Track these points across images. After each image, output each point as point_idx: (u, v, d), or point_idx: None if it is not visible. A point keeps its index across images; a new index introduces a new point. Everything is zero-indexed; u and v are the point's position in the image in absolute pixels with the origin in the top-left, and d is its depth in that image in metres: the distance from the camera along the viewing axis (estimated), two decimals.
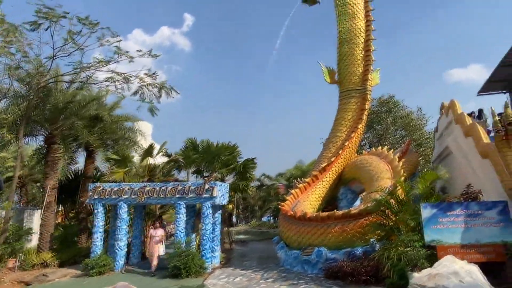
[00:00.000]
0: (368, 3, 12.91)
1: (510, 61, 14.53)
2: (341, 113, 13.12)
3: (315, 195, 11.83)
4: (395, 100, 25.95)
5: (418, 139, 24.45)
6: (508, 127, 6.78)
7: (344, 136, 12.61)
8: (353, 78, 12.69)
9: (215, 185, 10.56)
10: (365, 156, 12.26)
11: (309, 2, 15.21)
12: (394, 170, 10.43)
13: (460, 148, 11.07)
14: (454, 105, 12.10)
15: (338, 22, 13.01)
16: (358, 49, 12.64)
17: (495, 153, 7.46)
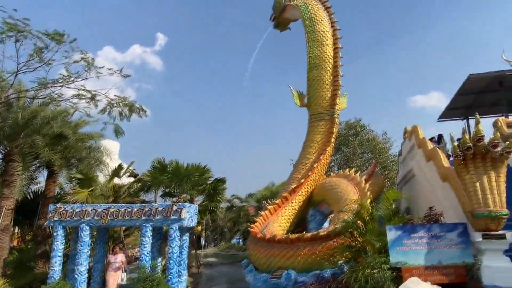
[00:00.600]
0: (336, 32, 13.47)
1: (466, 91, 15.60)
2: (310, 136, 13.37)
3: (284, 216, 11.83)
4: (361, 124, 26.91)
5: (383, 162, 25.32)
6: (465, 153, 7.15)
7: (313, 158, 12.82)
8: (322, 102, 13.04)
9: (183, 207, 10.35)
10: (333, 178, 12.50)
11: (280, 28, 15.71)
12: (361, 192, 10.68)
13: (423, 171, 11.55)
14: (416, 130, 12.68)
15: (308, 48, 13.45)
16: (326, 75, 13.07)
17: (455, 177, 7.83)
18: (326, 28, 13.48)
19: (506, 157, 7.05)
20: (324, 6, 14.08)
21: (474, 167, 7.20)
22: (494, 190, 6.98)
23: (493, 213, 6.74)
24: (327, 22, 13.66)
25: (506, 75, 14.00)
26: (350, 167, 23.04)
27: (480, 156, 7.14)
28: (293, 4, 14.35)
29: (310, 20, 13.61)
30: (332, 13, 13.89)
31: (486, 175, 7.08)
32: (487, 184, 7.02)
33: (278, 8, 15.02)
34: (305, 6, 13.89)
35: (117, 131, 11.95)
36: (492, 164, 7.14)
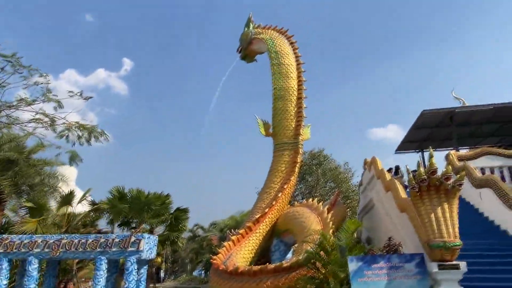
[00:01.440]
0: (300, 66, 14.04)
1: (420, 125, 16.59)
2: (275, 165, 13.50)
3: (248, 247, 11.63)
4: (324, 154, 27.64)
5: (345, 192, 25.94)
6: (421, 185, 7.48)
7: (277, 187, 12.88)
8: (286, 132, 13.32)
9: (142, 238, 9.91)
10: (297, 208, 12.56)
11: (247, 59, 16.14)
12: (323, 222, 10.77)
13: (382, 201, 11.93)
14: (375, 161, 13.20)
15: (273, 80, 13.85)
16: (291, 106, 13.44)
17: (411, 208, 8.13)
18: (291, 62, 14.00)
19: (457, 189, 7.45)
20: (289, 41, 14.70)
21: (429, 199, 7.52)
22: (448, 221, 7.30)
23: (448, 244, 7.00)
24: (292, 56, 14.22)
25: (456, 112, 15.09)
26: (314, 196, 23.39)
27: (434, 188, 7.49)
28: (259, 38, 14.86)
29: (275, 54, 14.11)
30: (297, 48, 14.50)
31: (440, 206, 7.40)
32: (441, 215, 7.33)
33: (245, 41, 15.48)
34: (271, 40, 14.42)
35: (72, 157, 11.42)
36: (445, 196, 7.50)
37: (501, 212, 10.17)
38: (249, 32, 15.20)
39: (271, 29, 15.12)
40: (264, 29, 15.22)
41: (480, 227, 10.73)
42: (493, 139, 18.67)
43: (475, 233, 9.91)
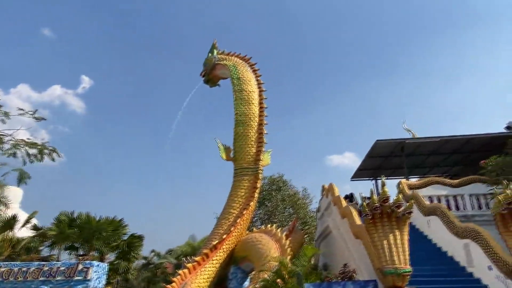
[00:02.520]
0: (262, 93, 14.36)
1: (374, 154, 17.38)
2: (234, 190, 13.41)
3: (204, 275, 11.25)
4: (284, 180, 27.94)
5: (303, 218, 26.23)
6: (374, 212, 7.77)
7: (236, 213, 12.74)
8: (246, 158, 13.37)
9: (90, 266, 9.30)
10: (255, 234, 12.46)
11: (210, 83, 16.26)
12: (281, 249, 10.75)
13: (338, 228, 12.19)
14: (332, 188, 13.56)
15: (235, 105, 14.01)
16: (252, 131, 13.60)
17: (365, 235, 8.38)
18: (253, 88, 14.28)
19: (407, 216, 7.80)
20: (252, 68, 15.04)
21: (382, 226, 7.80)
22: (399, 248, 7.58)
23: (399, 270, 7.25)
24: (254, 83, 14.53)
25: (406, 143, 16.02)
26: (273, 222, 23.40)
27: (386, 216, 7.80)
28: (222, 64, 15.09)
29: (238, 80, 14.35)
30: (259, 75, 14.86)
31: (392, 233, 7.69)
32: (393, 242, 7.61)
33: (208, 66, 15.66)
34: (234, 67, 14.70)
35: (21, 176, 10.65)
36: (396, 223, 7.82)
37: (447, 239, 10.74)
38: (213, 58, 15.41)
39: (234, 56, 15.44)
40: (227, 56, 15.51)
41: (429, 253, 11.21)
42: (440, 169, 19.95)
43: (424, 259, 10.34)
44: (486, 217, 11.80)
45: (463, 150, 17.02)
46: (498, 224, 7.83)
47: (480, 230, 9.19)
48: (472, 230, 9.42)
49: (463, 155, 17.53)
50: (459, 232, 10.03)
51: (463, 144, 16.36)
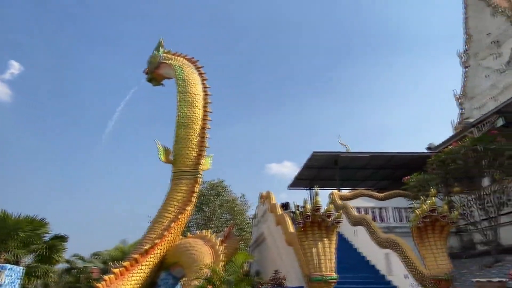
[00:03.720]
0: (207, 97, 14.21)
1: (310, 165, 18.10)
2: (171, 193, 13.07)
3: (132, 281, 10.75)
4: (223, 185, 27.88)
5: (240, 224, 26.35)
6: (305, 220, 8.08)
7: (171, 217, 12.40)
8: (186, 161, 13.12)
9: (2, 269, 8.42)
10: (189, 239, 12.23)
11: (153, 82, 15.74)
12: (215, 255, 10.68)
13: (272, 235, 12.45)
14: (269, 196, 13.84)
15: (178, 107, 13.70)
16: (194, 135, 13.39)
17: (297, 242, 8.67)
18: (198, 91, 14.10)
19: (336, 226, 8.24)
20: (198, 70, 14.85)
21: (312, 234, 8.14)
22: (327, 256, 7.97)
23: (325, 277, 7.60)
24: (199, 86, 14.35)
25: (340, 156, 16.94)
26: (210, 227, 23.17)
27: (317, 224, 8.16)
28: (168, 63, 14.72)
29: (183, 81, 14.08)
30: (205, 79, 14.72)
31: (321, 241, 8.07)
32: (322, 250, 7.98)
33: (153, 64, 15.15)
34: (180, 68, 14.41)
35: None
36: (326, 232, 8.22)
37: (371, 248, 11.52)
38: (158, 56, 14.96)
39: (181, 57, 15.13)
40: (174, 55, 15.16)
41: (354, 261, 11.92)
42: (369, 183, 21.37)
43: (349, 267, 10.97)
44: (405, 229, 12.86)
45: (389, 166, 18.44)
46: (415, 236, 8.59)
47: (400, 241, 9.99)
48: (393, 241, 10.21)
49: (389, 171, 18.98)
50: (381, 242, 10.80)
51: (389, 161, 17.74)
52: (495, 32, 21.09)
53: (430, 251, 8.24)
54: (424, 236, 8.36)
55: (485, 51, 21.77)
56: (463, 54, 23.47)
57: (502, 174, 11.03)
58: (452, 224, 8.60)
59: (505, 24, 20.16)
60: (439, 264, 8.08)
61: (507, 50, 20.18)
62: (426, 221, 8.25)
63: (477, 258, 11.79)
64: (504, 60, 20.35)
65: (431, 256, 8.20)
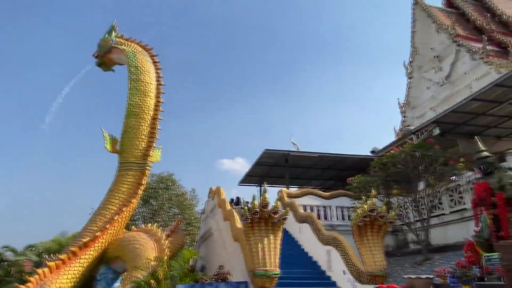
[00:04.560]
0: (160, 87, 13.80)
1: (262, 162, 18.34)
2: (116, 185, 12.56)
3: (68, 275, 10.20)
4: (173, 179, 27.34)
5: (188, 218, 26.03)
6: (253, 216, 8.17)
7: (115, 209, 11.93)
8: (135, 152, 12.68)
9: None
10: (133, 233, 11.86)
11: (103, 67, 14.98)
12: (160, 249, 10.46)
13: (220, 230, 12.45)
14: (219, 191, 13.81)
15: (129, 95, 13.18)
16: (144, 125, 12.97)
17: (243, 238, 8.74)
18: (151, 80, 13.66)
19: (282, 222, 8.42)
20: (152, 59, 14.37)
21: (259, 230, 8.25)
22: (272, 252, 8.13)
23: (269, 273, 7.76)
24: (153, 75, 13.90)
25: (290, 155, 17.35)
26: (156, 221, 22.60)
27: (264, 220, 8.28)
28: (120, 48, 14.09)
29: (135, 68, 13.57)
30: (159, 68, 14.30)
31: (267, 237, 8.20)
32: (267, 245, 8.12)
33: (104, 47, 14.40)
34: (133, 54, 13.86)
35: None
36: (272, 228, 8.37)
37: (314, 245, 11.93)
38: (110, 40, 14.24)
39: (134, 43, 14.54)
40: (127, 41, 14.52)
41: (298, 257, 12.27)
42: (316, 182, 22.12)
43: (293, 263, 11.29)
44: (347, 227, 13.49)
45: (336, 167, 19.23)
46: (355, 234, 9.03)
47: (341, 239, 10.45)
48: (334, 238, 10.66)
49: (336, 171, 19.79)
50: (323, 239, 11.23)
51: (336, 162, 18.51)
52: (438, 48, 22.79)
53: (368, 249, 8.70)
54: (363, 234, 8.81)
55: (428, 65, 23.44)
56: (408, 66, 25.09)
57: (436, 180, 11.99)
58: (389, 224, 9.15)
59: (447, 41, 21.85)
60: (376, 261, 8.57)
61: (447, 65, 21.92)
62: (366, 220, 8.69)
63: (410, 256, 12.72)
64: (444, 75, 22.07)
65: (369, 253, 8.67)
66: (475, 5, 25.44)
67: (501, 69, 17.26)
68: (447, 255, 10.85)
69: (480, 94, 12.52)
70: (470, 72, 20.16)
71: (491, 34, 21.45)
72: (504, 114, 14.00)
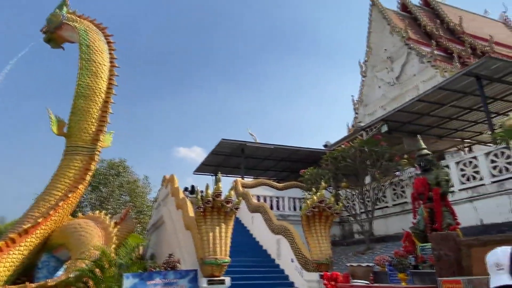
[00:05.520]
0: (113, 69, 13.21)
1: (218, 152, 18.30)
2: (62, 169, 11.92)
3: (5, 263, 9.60)
4: (125, 165, 26.45)
5: (140, 206, 25.41)
6: (206, 205, 8.18)
7: (60, 195, 11.34)
8: (83, 135, 12.10)
9: None
10: (79, 220, 11.38)
11: (52, 43, 14.01)
12: (107, 237, 10.15)
13: (172, 218, 12.30)
14: (173, 179, 13.60)
15: (79, 75, 12.48)
16: (94, 108, 12.38)
17: (195, 226, 8.73)
18: (103, 61, 13.03)
19: (234, 212, 8.52)
20: (106, 39, 13.70)
21: (211, 219, 8.29)
22: (222, 240, 8.21)
23: (218, 260, 7.84)
24: (106, 55, 13.26)
25: (246, 145, 17.47)
26: (106, 208, 21.79)
27: (216, 210, 8.33)
28: (72, 25, 13.25)
29: (87, 47, 12.85)
30: (114, 49, 13.67)
31: (218, 226, 8.26)
32: (218, 234, 8.18)
33: (53, 23, 13.45)
34: (85, 32, 13.11)
35: None
36: (224, 217, 8.44)
37: (265, 234, 12.20)
38: (60, 15, 13.33)
39: (87, 20, 13.74)
40: (80, 18, 13.69)
41: (249, 246, 12.49)
42: (271, 173, 22.50)
43: (244, 252, 11.48)
44: (297, 217, 13.93)
45: (290, 159, 19.68)
46: (303, 224, 9.37)
47: (290, 228, 10.78)
48: (284, 228, 10.97)
49: (290, 163, 20.25)
50: (274, 229, 11.52)
51: (291, 154, 18.94)
52: (390, 49, 23.91)
53: (315, 238, 9.08)
54: (311, 224, 9.17)
55: (381, 65, 24.54)
56: (363, 64, 26.11)
57: (381, 174, 12.71)
58: (336, 215, 9.60)
59: (400, 43, 22.99)
60: (322, 249, 8.97)
61: (398, 67, 23.09)
62: (315, 210, 9.05)
63: (354, 245, 13.44)
64: (395, 75, 23.25)
65: (316, 242, 9.05)
66: (427, 11, 26.95)
67: (446, 74, 18.50)
68: (387, 245, 11.59)
69: (425, 96, 13.37)
70: (418, 74, 21.41)
71: (439, 39, 22.88)
72: (446, 115, 15.08)
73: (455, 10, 27.30)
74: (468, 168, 10.62)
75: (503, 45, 24.26)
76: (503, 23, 29.70)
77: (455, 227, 6.69)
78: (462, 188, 10.64)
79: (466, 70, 12.06)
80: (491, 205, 9.77)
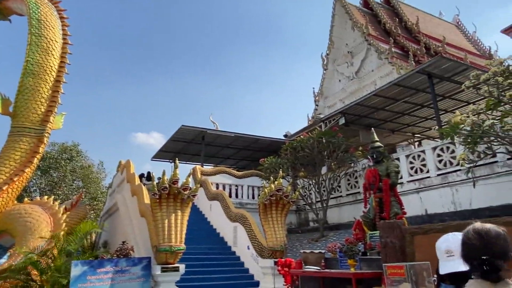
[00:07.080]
0: (66, 46, 12.45)
1: (177, 138, 17.95)
2: (7, 151, 11.16)
3: None
4: (78, 149, 25.26)
5: (94, 193, 24.46)
6: (162, 192, 8.01)
7: (5, 178, 10.63)
8: (31, 116, 11.36)
9: None
10: (25, 205, 10.74)
11: None
12: (55, 223, 9.69)
13: (126, 205, 11.96)
14: (129, 165, 13.18)
15: (28, 51, 11.63)
16: (45, 87, 11.63)
17: (150, 213, 8.55)
18: (55, 37, 12.21)
19: (191, 199, 8.43)
20: (59, 14, 12.84)
21: (167, 206, 8.14)
22: (178, 227, 8.11)
23: (173, 248, 7.75)
24: (58, 31, 12.44)
25: (207, 133, 17.29)
26: (56, 194, 20.74)
27: (173, 196, 8.19)
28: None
29: (38, 22, 11.97)
30: (67, 25, 12.86)
31: (174, 213, 8.14)
32: (174, 221, 8.07)
33: None
34: (36, 5, 12.19)
35: None
36: (180, 204, 8.32)
37: (222, 222, 12.24)
38: None
39: None
40: None
41: (206, 233, 12.49)
42: (231, 161, 22.49)
43: (201, 239, 11.47)
44: (256, 205, 14.11)
45: (250, 148, 19.76)
46: (261, 212, 9.49)
47: (247, 216, 10.89)
48: (242, 215, 11.06)
49: (250, 152, 20.34)
50: (231, 216, 11.58)
51: (251, 143, 19.01)
52: (351, 44, 24.55)
53: (271, 226, 9.24)
54: (268, 212, 9.31)
55: (341, 59, 25.16)
56: (325, 58, 26.61)
57: (337, 165, 13.14)
58: (292, 203, 9.81)
59: (360, 39, 23.66)
60: (277, 237, 9.15)
61: (358, 61, 23.80)
62: (272, 199, 9.19)
63: (309, 233, 13.87)
64: (354, 70, 23.95)
65: (272, 230, 9.21)
66: (387, 9, 27.88)
67: (401, 71, 19.34)
68: (340, 232, 12.08)
69: (381, 91, 13.91)
70: (376, 70, 22.21)
71: (397, 37, 23.81)
72: (399, 110, 15.81)
73: (413, 10, 28.48)
74: (417, 161, 11.25)
75: (454, 46, 25.76)
76: (455, 25, 31.45)
77: (401, 216, 7.08)
78: (411, 180, 11.28)
79: (419, 68, 12.67)
80: (435, 196, 10.46)
